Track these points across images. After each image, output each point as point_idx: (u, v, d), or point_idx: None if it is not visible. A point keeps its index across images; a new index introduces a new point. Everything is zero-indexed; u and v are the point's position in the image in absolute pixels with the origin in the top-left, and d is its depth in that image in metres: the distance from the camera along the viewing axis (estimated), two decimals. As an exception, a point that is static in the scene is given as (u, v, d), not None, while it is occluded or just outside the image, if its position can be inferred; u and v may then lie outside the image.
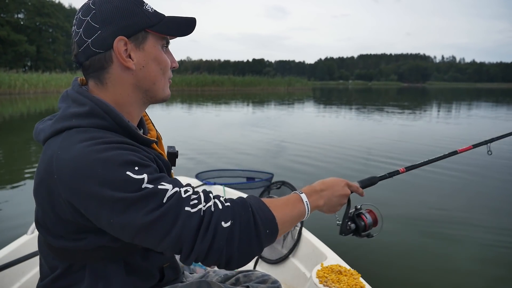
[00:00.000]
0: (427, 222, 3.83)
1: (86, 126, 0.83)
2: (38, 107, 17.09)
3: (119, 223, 0.76)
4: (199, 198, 0.80)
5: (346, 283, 1.56)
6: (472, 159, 6.76)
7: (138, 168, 0.77)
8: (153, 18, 0.88)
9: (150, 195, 0.75)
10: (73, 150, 0.77)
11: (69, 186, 0.76)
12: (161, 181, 0.78)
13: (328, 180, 1.08)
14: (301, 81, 50.05)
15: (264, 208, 0.86)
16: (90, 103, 0.84)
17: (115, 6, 0.85)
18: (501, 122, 13.43)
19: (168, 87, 0.97)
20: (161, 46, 0.91)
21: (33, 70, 36.64)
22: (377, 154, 7.18)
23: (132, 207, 0.74)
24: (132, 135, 0.88)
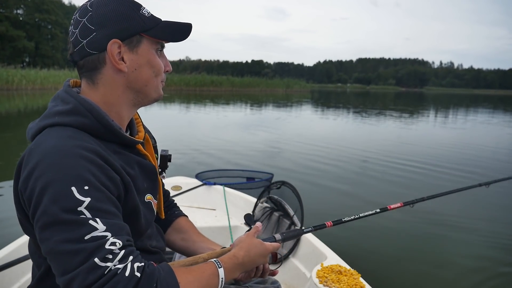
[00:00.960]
0: (427, 222, 3.85)
1: (67, 124, 0.84)
2: (36, 104, 17.00)
3: (38, 235, 0.76)
4: (116, 255, 0.74)
5: (346, 283, 1.57)
6: (473, 160, 6.81)
7: (87, 188, 0.75)
8: (148, 22, 0.90)
9: (76, 224, 0.73)
10: (45, 144, 0.79)
11: (25, 176, 0.78)
12: (100, 216, 0.75)
13: (254, 254, 1.02)
14: (300, 83, 50.05)
15: (173, 286, 0.79)
16: (74, 102, 0.86)
17: (111, 9, 0.87)
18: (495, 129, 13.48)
19: (161, 88, 0.98)
20: (155, 50, 0.93)
21: (31, 66, 36.46)
22: (374, 155, 7.21)
23: (53, 227, 0.73)
24: (115, 135, 0.89)
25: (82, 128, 0.84)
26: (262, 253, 1.05)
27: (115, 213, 0.79)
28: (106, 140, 0.88)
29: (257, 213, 2.33)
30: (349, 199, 4.67)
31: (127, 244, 0.77)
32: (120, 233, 0.77)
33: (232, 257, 0.98)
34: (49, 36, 53.97)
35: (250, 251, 1.01)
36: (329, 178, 5.48)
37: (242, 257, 0.99)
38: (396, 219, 3.86)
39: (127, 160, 0.92)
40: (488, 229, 3.72)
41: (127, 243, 0.78)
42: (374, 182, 5.46)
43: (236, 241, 1.06)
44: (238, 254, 0.99)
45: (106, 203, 0.77)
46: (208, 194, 2.76)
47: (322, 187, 5.02)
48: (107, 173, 0.80)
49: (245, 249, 1.01)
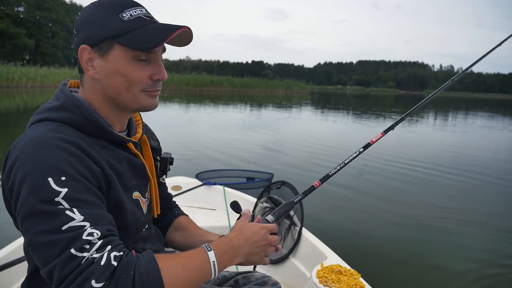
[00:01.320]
0: (427, 222, 3.86)
1: (54, 119, 0.85)
2: (35, 101, 17.00)
3: (20, 227, 0.76)
4: (93, 244, 0.73)
5: (346, 283, 1.57)
6: (473, 161, 6.82)
7: (64, 179, 0.75)
8: (122, 27, 0.85)
9: (53, 214, 0.72)
10: (27, 137, 0.80)
11: (8, 168, 0.79)
12: (77, 205, 0.74)
13: (247, 231, 0.96)
14: (300, 84, 50.08)
15: (153, 272, 0.76)
16: (64, 98, 0.88)
17: (88, 14, 0.87)
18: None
19: (145, 97, 0.91)
20: (131, 57, 0.87)
21: (32, 64, 36.49)
22: (374, 155, 7.22)
23: (32, 218, 0.73)
24: (103, 131, 0.89)
25: (69, 123, 0.85)
26: (258, 231, 0.98)
27: (95, 203, 0.78)
28: (95, 136, 0.88)
29: (257, 213, 2.33)
30: (350, 197, 4.67)
31: (107, 234, 0.76)
32: (100, 223, 0.76)
33: (224, 238, 0.94)
34: (49, 34, 53.96)
35: (242, 230, 0.96)
36: (330, 177, 5.46)
37: (236, 236, 0.94)
38: (396, 219, 3.87)
39: (116, 155, 0.91)
40: (488, 228, 3.74)
41: (107, 232, 0.76)
42: (375, 180, 5.47)
43: (232, 228, 1.01)
44: (229, 235, 0.95)
45: (85, 193, 0.77)
46: (208, 194, 2.76)
47: (322, 187, 5.01)
48: (87, 164, 0.80)
49: (237, 229, 0.97)
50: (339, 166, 1.29)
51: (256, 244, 0.96)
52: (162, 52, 0.94)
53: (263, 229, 0.99)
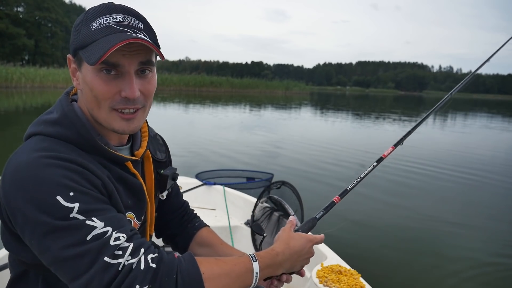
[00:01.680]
0: (427, 222, 3.86)
1: (49, 135, 0.82)
2: (34, 102, 16.98)
3: (37, 247, 0.74)
4: (125, 249, 0.72)
5: (346, 283, 1.57)
6: (473, 161, 6.82)
7: (73, 194, 0.73)
8: (85, 38, 0.79)
9: (73, 227, 0.71)
10: (21, 157, 0.77)
11: (5, 191, 0.76)
12: (94, 215, 0.73)
13: (294, 245, 0.94)
14: (299, 85, 50.12)
15: (195, 277, 0.76)
16: (61, 111, 0.85)
17: (76, 21, 0.85)
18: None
19: (116, 118, 0.83)
20: (97, 70, 0.80)
21: (31, 64, 36.46)
22: (373, 155, 7.22)
23: (51, 235, 0.71)
24: (98, 150, 0.85)
25: (64, 139, 0.82)
26: (304, 245, 0.95)
27: (108, 208, 0.77)
28: (90, 152, 0.84)
29: (257, 213, 2.33)
30: (350, 197, 4.67)
31: (132, 235, 0.75)
32: (121, 225, 0.75)
33: (270, 251, 0.91)
34: (49, 34, 53.91)
35: (289, 243, 0.93)
36: (329, 178, 5.49)
37: (282, 250, 0.91)
38: (396, 219, 3.87)
39: (112, 174, 0.87)
40: (487, 228, 3.74)
41: (131, 233, 0.76)
42: (375, 180, 5.47)
43: (275, 238, 0.98)
44: (276, 247, 0.92)
45: (95, 203, 0.75)
46: (208, 194, 2.76)
47: (323, 187, 5.03)
48: (88, 178, 0.78)
49: (284, 242, 0.94)
50: (356, 181, 1.31)
51: (301, 258, 0.96)
52: (140, 66, 0.83)
53: (309, 242, 0.97)
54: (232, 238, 2.36)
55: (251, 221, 2.30)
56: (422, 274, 2.83)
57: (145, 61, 0.82)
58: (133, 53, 0.80)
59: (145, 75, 0.85)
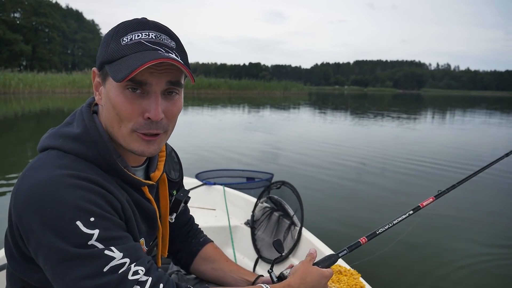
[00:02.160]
0: (427, 221, 3.86)
1: (68, 151, 0.78)
2: (33, 107, 16.96)
3: (51, 273, 0.70)
4: (143, 284, 0.70)
5: (346, 283, 1.57)
6: (474, 156, 6.83)
7: (93, 220, 0.69)
8: (114, 53, 0.76)
9: (91, 257, 0.67)
10: (37, 174, 0.73)
11: (19, 209, 0.72)
12: (113, 244, 0.70)
13: (310, 280, 0.94)
14: (297, 85, 50.12)
15: None
16: (83, 127, 0.80)
17: (105, 36, 0.82)
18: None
19: (136, 139, 0.79)
20: (123, 87, 0.76)
21: (28, 69, 36.42)
22: (373, 154, 7.23)
23: (67, 263, 0.67)
24: (117, 172, 0.81)
25: (83, 158, 0.78)
26: (320, 281, 0.96)
27: (126, 236, 0.75)
28: (109, 173, 0.81)
29: (257, 213, 2.33)
30: (350, 197, 4.68)
31: (149, 267, 0.73)
32: (138, 256, 0.73)
33: (286, 285, 0.91)
34: (46, 40, 53.97)
35: (305, 278, 0.94)
36: (329, 177, 5.49)
37: (298, 286, 0.92)
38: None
39: (131, 198, 0.85)
40: (488, 227, 3.74)
41: (149, 265, 0.73)
42: (375, 180, 5.47)
43: (292, 270, 0.98)
44: (293, 282, 0.92)
45: (115, 230, 0.72)
46: (208, 194, 2.76)
47: (322, 187, 5.03)
48: (109, 200, 0.75)
49: (300, 276, 0.94)
50: (387, 226, 1.30)
51: None
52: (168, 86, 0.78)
53: (324, 278, 0.98)
54: (232, 238, 2.36)
55: (251, 221, 2.30)
56: (422, 274, 2.82)
57: (174, 82, 0.78)
58: (162, 72, 0.76)
59: (171, 96, 0.80)
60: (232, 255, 2.22)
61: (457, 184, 1.53)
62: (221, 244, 2.44)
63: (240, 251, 2.29)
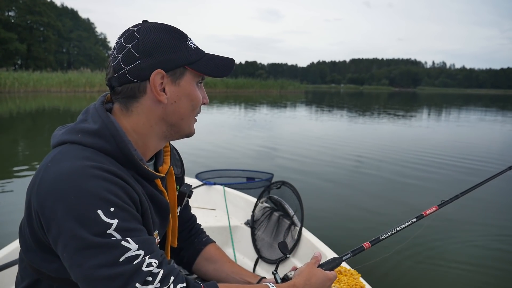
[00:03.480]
0: (427, 222, 3.87)
1: (88, 145, 0.81)
2: (28, 106, 16.87)
3: (68, 260, 0.73)
4: (155, 276, 0.73)
5: (346, 283, 1.57)
6: (473, 156, 6.87)
7: (113, 210, 0.73)
8: (193, 55, 0.89)
9: (108, 246, 0.71)
10: (61, 164, 0.76)
11: (42, 198, 0.75)
12: (129, 235, 0.73)
13: (315, 282, 0.98)
14: (294, 84, 50.11)
15: None
16: (101, 123, 0.84)
17: (159, 38, 0.85)
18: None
19: (193, 124, 0.96)
20: (196, 83, 0.92)
21: (24, 68, 36.18)
22: (371, 154, 7.25)
23: (85, 252, 0.71)
24: (134, 165, 0.86)
25: (102, 151, 0.82)
26: (324, 283, 0.99)
27: (142, 229, 0.78)
28: (125, 166, 0.85)
29: (257, 213, 2.33)
30: (350, 197, 4.69)
31: (162, 260, 0.77)
32: (152, 249, 0.76)
33: (292, 286, 0.95)
34: (41, 38, 53.61)
35: (310, 279, 0.97)
36: (329, 177, 5.51)
37: (303, 286, 0.95)
38: (396, 219, 3.88)
39: (146, 191, 0.89)
40: (488, 228, 3.75)
41: (162, 258, 0.77)
42: (374, 179, 5.50)
43: (297, 271, 1.01)
44: (298, 283, 0.96)
45: (132, 222, 0.76)
46: (208, 194, 2.76)
47: (323, 187, 5.04)
48: (129, 192, 0.79)
49: (305, 278, 0.97)
50: (391, 232, 1.32)
51: None
52: None
53: (329, 281, 1.01)
54: (232, 238, 2.37)
55: (251, 221, 2.30)
56: (422, 274, 2.83)
57: None
58: None
59: None
60: (232, 255, 2.22)
61: (460, 194, 1.58)
62: (221, 244, 2.44)
63: (240, 251, 2.30)
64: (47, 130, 10.10)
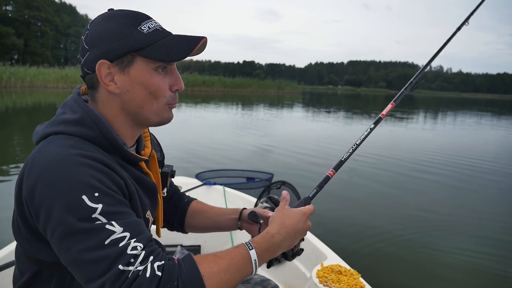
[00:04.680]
0: (427, 222, 3.90)
1: (71, 134, 0.83)
2: (25, 102, 16.78)
3: (57, 246, 0.76)
4: (136, 257, 0.74)
5: (346, 283, 1.58)
6: (470, 158, 6.91)
7: (98, 195, 0.75)
8: (143, 40, 0.85)
9: (93, 230, 0.73)
10: (47, 153, 0.78)
11: (30, 186, 0.77)
12: (114, 218, 0.75)
13: (289, 223, 0.94)
14: (291, 84, 50.17)
15: (196, 280, 0.77)
16: (81, 112, 0.86)
17: (104, 28, 0.85)
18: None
19: (167, 110, 0.92)
20: (153, 69, 0.87)
21: (20, 63, 35.95)
22: (371, 154, 7.28)
23: (71, 237, 0.73)
24: (118, 149, 0.87)
25: (86, 139, 0.84)
26: (299, 219, 0.96)
27: (129, 212, 0.79)
28: (110, 152, 0.87)
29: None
30: (350, 197, 4.70)
31: (147, 243, 0.77)
32: (139, 231, 0.77)
33: (265, 234, 0.91)
34: (38, 34, 53.29)
35: (284, 222, 0.94)
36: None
37: (277, 230, 0.92)
38: (397, 219, 3.90)
39: (131, 174, 0.90)
40: (489, 229, 3.76)
41: (147, 240, 0.78)
42: (374, 179, 5.51)
43: (269, 219, 0.98)
44: (271, 230, 0.92)
45: (117, 206, 0.78)
46: (208, 194, 2.76)
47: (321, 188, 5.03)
48: (113, 178, 0.80)
49: (279, 222, 0.94)
50: (351, 149, 1.23)
51: (298, 234, 0.96)
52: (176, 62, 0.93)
53: (304, 215, 0.98)
54: (232, 238, 2.38)
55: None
56: (423, 274, 2.84)
57: None
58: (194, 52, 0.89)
59: None
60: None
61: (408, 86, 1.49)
62: (221, 244, 2.45)
63: (240, 250, 2.30)
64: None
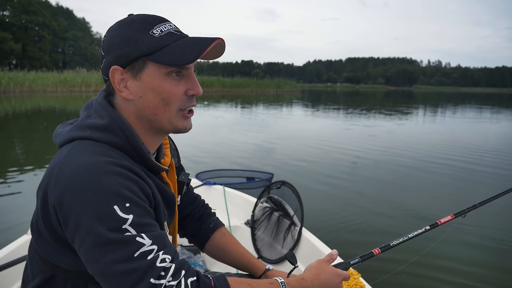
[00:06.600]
0: (427, 222, 3.87)
1: (99, 140, 0.82)
2: (24, 107, 16.78)
3: (85, 256, 0.75)
4: (167, 270, 0.74)
5: (346, 283, 1.59)
6: (468, 152, 6.89)
7: (129, 205, 0.74)
8: (152, 44, 0.82)
9: (123, 242, 0.72)
10: (76, 160, 0.77)
11: (59, 194, 0.75)
12: (144, 230, 0.75)
13: (324, 277, 0.97)
14: (290, 83, 50.10)
15: None
16: (109, 118, 0.84)
17: (116, 34, 0.84)
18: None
19: (181, 118, 0.89)
20: (165, 74, 0.84)
21: (19, 68, 35.93)
22: (370, 155, 7.27)
23: (101, 247, 0.72)
24: (143, 158, 0.86)
25: (113, 146, 0.83)
26: (334, 279, 0.98)
27: (155, 224, 0.79)
28: (135, 160, 0.86)
29: (257, 213, 2.34)
30: (350, 197, 4.70)
31: (174, 255, 0.78)
32: (165, 244, 0.77)
33: (300, 279, 0.94)
34: (36, 38, 53.32)
35: (319, 275, 0.96)
36: (330, 177, 5.50)
37: (311, 280, 0.94)
38: (397, 219, 3.89)
39: (155, 184, 0.90)
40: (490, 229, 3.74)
41: (174, 253, 0.78)
42: (374, 179, 5.51)
43: (307, 266, 1.02)
44: (306, 277, 0.95)
45: (147, 217, 0.77)
46: (208, 194, 2.76)
47: (323, 187, 5.03)
48: (142, 187, 0.80)
49: (315, 273, 0.97)
50: (402, 239, 1.30)
51: None
52: (194, 66, 0.90)
53: (339, 277, 1.00)
54: (232, 238, 2.37)
55: (251, 221, 2.31)
56: (423, 274, 2.83)
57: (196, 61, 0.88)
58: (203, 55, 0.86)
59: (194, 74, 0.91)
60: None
61: (479, 204, 1.51)
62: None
63: (241, 251, 2.30)
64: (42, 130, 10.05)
